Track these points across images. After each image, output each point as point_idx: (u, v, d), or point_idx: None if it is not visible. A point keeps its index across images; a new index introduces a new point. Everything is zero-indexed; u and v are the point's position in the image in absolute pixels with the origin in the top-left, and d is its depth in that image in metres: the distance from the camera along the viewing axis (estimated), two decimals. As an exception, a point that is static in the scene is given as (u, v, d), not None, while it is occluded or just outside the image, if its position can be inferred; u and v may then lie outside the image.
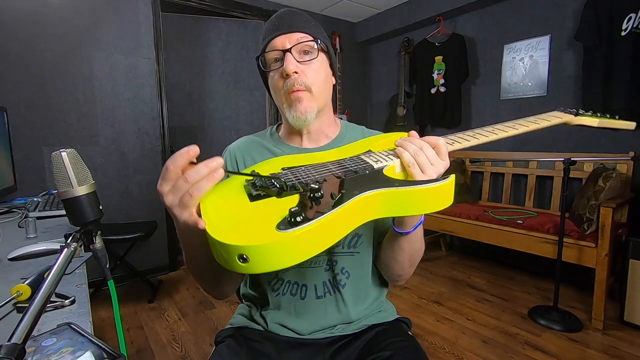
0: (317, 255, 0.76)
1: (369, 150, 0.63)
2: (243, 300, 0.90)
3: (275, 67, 0.72)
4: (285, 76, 0.69)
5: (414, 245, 0.67)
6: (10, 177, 1.70)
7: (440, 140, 0.57)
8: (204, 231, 0.45)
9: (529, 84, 2.68)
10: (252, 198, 0.50)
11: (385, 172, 0.55)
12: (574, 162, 1.84)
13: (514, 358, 1.67)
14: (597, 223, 1.86)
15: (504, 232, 2.28)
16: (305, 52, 0.71)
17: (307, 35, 0.71)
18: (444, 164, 0.57)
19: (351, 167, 0.57)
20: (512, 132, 0.68)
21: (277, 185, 0.50)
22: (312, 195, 0.46)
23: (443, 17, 3.10)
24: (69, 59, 2.33)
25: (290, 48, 0.69)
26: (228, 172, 0.51)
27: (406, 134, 0.62)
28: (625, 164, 2.21)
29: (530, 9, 2.65)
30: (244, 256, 0.40)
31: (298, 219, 0.42)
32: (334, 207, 0.44)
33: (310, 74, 0.70)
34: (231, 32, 3.23)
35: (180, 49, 3.07)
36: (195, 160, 0.48)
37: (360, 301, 0.81)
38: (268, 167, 0.61)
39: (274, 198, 0.49)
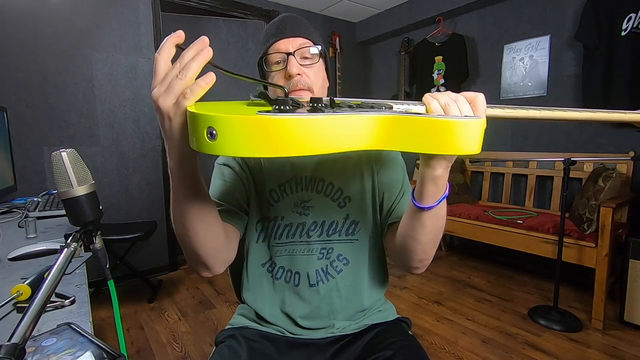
0: (310, 243, 0.78)
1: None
2: (245, 302, 0.89)
3: (277, 69, 0.74)
4: (288, 77, 0.71)
5: (437, 222, 0.60)
6: (10, 177, 1.70)
7: (479, 95, 0.49)
8: (194, 159, 0.46)
9: (529, 84, 2.68)
10: (249, 104, 0.48)
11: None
12: (574, 162, 1.84)
13: (514, 358, 1.67)
14: (597, 223, 1.86)
15: (504, 232, 2.28)
16: (306, 57, 0.74)
17: (309, 41, 0.74)
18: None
19: (367, 105, 0.49)
20: (573, 114, 0.58)
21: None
22: (313, 105, 0.40)
23: (443, 17, 3.10)
24: (69, 59, 2.33)
25: (294, 52, 0.72)
26: (225, 72, 0.44)
27: None
28: (625, 164, 2.21)
29: (530, 9, 2.65)
30: (213, 131, 0.35)
31: (284, 107, 0.37)
32: (332, 112, 0.37)
33: (312, 76, 0.73)
34: (231, 32, 3.22)
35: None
36: (183, 47, 0.42)
37: (360, 289, 0.81)
38: None
39: (270, 107, 0.44)
